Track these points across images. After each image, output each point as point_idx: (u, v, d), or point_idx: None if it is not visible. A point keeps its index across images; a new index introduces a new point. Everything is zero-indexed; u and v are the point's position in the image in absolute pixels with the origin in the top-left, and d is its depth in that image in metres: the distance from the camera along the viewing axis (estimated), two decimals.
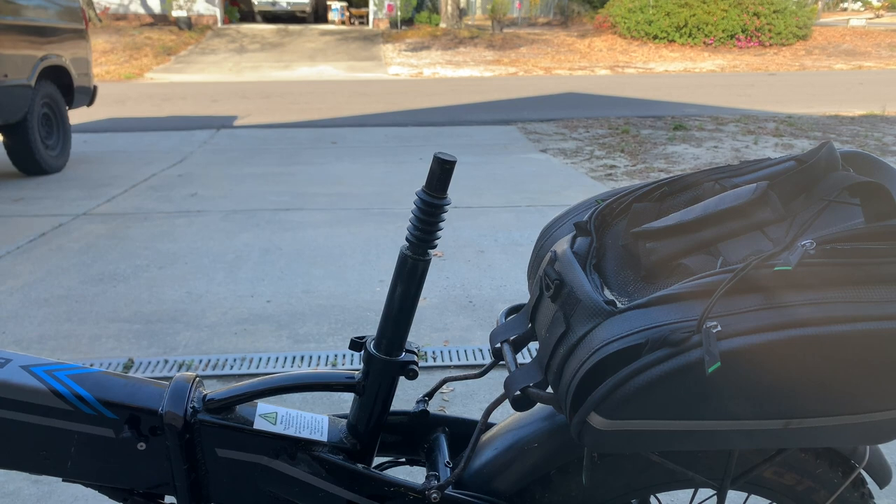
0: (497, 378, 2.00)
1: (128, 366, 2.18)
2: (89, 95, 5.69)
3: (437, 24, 18.99)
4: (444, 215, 0.77)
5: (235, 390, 0.82)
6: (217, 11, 18.92)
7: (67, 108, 5.40)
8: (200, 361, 2.21)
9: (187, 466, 0.79)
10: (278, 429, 0.81)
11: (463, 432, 0.91)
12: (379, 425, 0.85)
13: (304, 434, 0.82)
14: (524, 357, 2.22)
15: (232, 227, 3.69)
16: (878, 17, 22.90)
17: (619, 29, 17.01)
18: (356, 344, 0.85)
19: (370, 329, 2.45)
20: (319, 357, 2.23)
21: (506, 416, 0.93)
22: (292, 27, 19.52)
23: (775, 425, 0.67)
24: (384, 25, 19.44)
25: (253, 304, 2.67)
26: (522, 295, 2.73)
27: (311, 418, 0.86)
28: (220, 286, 2.85)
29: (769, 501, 0.88)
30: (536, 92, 10.57)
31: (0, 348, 2.28)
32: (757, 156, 5.66)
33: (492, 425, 0.90)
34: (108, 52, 14.63)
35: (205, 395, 0.81)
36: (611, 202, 0.82)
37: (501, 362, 0.79)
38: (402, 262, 0.79)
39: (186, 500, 0.81)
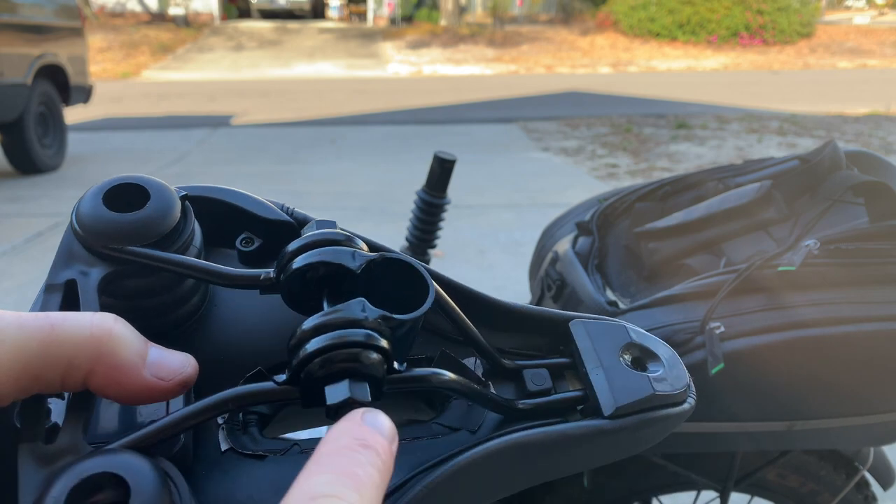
0: None
1: None
2: (86, 94, 5.68)
3: (437, 22, 18.97)
4: (444, 215, 0.77)
5: None
6: (214, 9, 18.90)
7: (64, 106, 5.39)
8: None
9: None
10: None
11: None
12: None
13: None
14: None
15: None
16: (881, 14, 22.86)
17: (621, 26, 16.99)
18: None
19: None
20: None
21: None
22: (290, 24, 19.50)
23: (779, 427, 0.67)
24: (383, 23, 19.42)
25: None
26: (524, 295, 2.72)
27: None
28: None
29: None
30: (538, 90, 10.55)
31: None
32: (760, 155, 5.65)
33: None
34: (105, 49, 14.60)
35: None
36: (613, 202, 0.81)
37: None
38: None
39: None
